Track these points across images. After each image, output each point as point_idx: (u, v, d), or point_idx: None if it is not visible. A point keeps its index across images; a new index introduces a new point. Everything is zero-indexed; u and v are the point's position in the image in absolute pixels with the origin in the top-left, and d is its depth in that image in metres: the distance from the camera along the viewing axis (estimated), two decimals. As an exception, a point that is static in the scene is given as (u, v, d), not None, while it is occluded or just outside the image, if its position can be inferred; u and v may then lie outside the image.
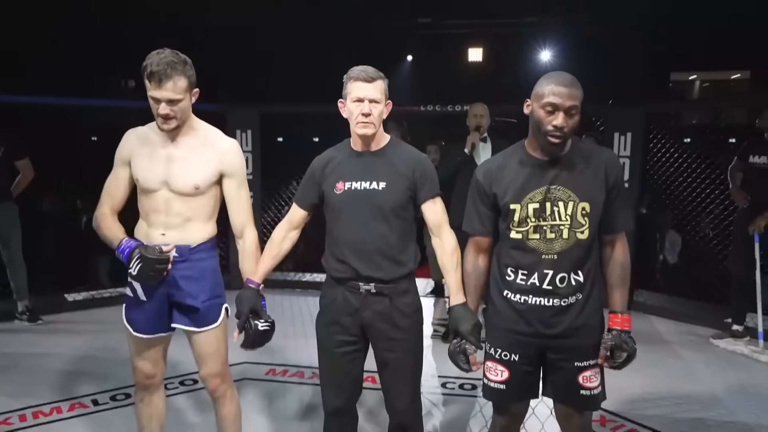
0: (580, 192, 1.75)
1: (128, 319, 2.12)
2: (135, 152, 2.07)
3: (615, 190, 1.78)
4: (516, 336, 1.84)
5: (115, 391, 3.14)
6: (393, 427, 2.12)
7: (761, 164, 3.84)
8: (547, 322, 1.80)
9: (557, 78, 1.72)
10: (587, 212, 1.74)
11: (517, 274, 1.81)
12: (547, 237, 1.76)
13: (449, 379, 3.33)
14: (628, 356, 1.78)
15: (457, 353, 1.90)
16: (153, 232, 2.05)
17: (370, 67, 2.01)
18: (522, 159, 1.81)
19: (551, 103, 1.69)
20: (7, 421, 2.80)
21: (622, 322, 1.81)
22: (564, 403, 1.89)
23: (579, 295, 1.79)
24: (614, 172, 1.78)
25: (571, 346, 1.81)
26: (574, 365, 1.82)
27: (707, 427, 2.84)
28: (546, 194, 1.75)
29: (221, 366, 2.15)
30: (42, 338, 4.03)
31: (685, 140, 5.23)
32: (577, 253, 1.76)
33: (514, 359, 1.85)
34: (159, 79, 1.90)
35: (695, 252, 5.18)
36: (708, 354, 3.87)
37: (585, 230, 1.75)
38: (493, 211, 1.86)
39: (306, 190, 2.12)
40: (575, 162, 1.77)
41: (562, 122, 1.68)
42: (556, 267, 1.76)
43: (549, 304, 1.79)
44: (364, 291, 1.99)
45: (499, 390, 1.89)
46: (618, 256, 1.84)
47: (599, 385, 1.85)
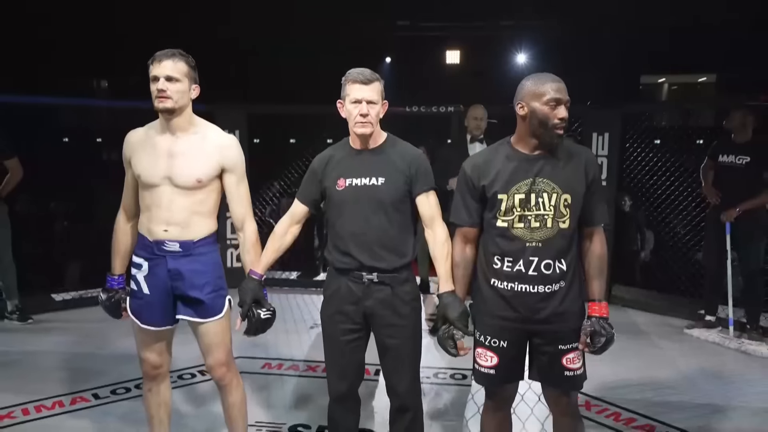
0: (562, 184, 1.88)
1: (134, 312, 2.20)
2: (135, 151, 2.16)
3: (594, 185, 1.93)
4: (503, 322, 1.96)
5: (114, 385, 3.20)
6: (394, 410, 2.22)
7: (729, 163, 4.06)
8: (533, 308, 1.92)
9: (550, 76, 1.89)
10: (569, 203, 1.88)
11: (503, 262, 1.93)
12: (532, 226, 1.89)
13: (440, 369, 3.46)
14: (606, 341, 1.91)
15: (445, 339, 2.02)
16: (155, 228, 2.13)
17: (367, 69, 2.12)
18: (508, 154, 1.94)
19: (554, 98, 1.84)
20: (11, 415, 2.84)
21: (600, 310, 1.93)
22: (550, 385, 2.01)
23: (562, 282, 1.92)
24: (593, 169, 1.93)
25: (555, 330, 1.93)
26: (558, 348, 1.94)
27: (684, 409, 3.02)
28: (531, 186, 1.88)
29: (226, 355, 2.24)
30: (34, 337, 4.05)
31: (655, 141, 5.43)
32: (560, 241, 1.89)
33: (502, 345, 1.97)
34: (160, 59, 2.05)
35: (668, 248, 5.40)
36: (682, 343, 4.07)
37: (567, 220, 1.89)
38: (480, 203, 1.98)
39: (308, 187, 2.22)
40: (558, 157, 1.91)
41: (565, 114, 1.85)
42: (540, 254, 1.89)
43: (534, 290, 1.91)
44: (367, 280, 2.10)
45: (490, 375, 2.00)
46: (596, 248, 1.98)
47: (581, 366, 1.98)
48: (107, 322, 2.23)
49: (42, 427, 2.76)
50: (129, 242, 2.26)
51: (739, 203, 3.95)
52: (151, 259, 2.15)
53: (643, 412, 2.97)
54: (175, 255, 2.12)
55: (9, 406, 2.92)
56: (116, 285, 2.26)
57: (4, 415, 2.83)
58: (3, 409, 2.88)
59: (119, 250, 2.27)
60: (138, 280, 2.17)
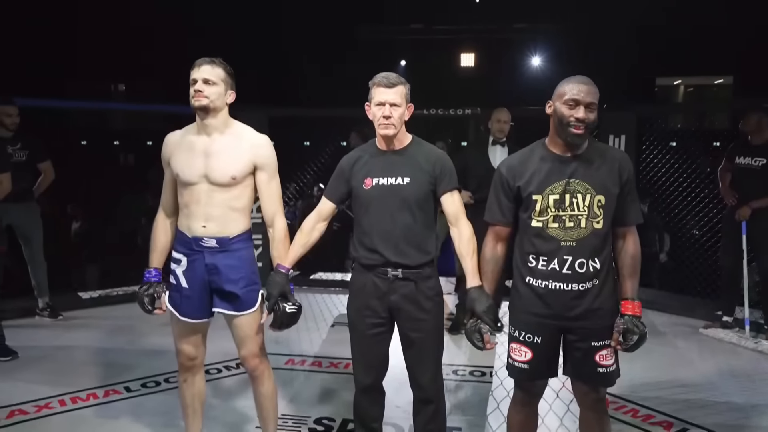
0: (596, 186, 1.93)
1: (173, 304, 2.30)
2: (173, 152, 2.27)
3: (627, 186, 1.97)
4: (538, 318, 2.01)
5: (145, 379, 3.31)
6: (417, 401, 2.30)
7: (746, 164, 4.09)
8: (567, 305, 1.97)
9: (577, 78, 1.95)
10: (602, 204, 1.93)
11: (538, 261, 1.99)
12: (566, 226, 1.94)
13: (460, 366, 3.53)
14: (639, 338, 1.94)
15: (472, 332, 2.08)
16: (194, 225, 2.24)
17: (392, 73, 2.22)
18: (543, 155, 2.00)
19: (573, 98, 1.90)
20: (48, 406, 2.96)
21: (633, 308, 1.96)
22: (583, 381, 2.06)
23: (596, 280, 1.97)
24: (626, 170, 1.97)
25: (589, 327, 1.98)
26: (591, 345, 1.99)
27: (701, 407, 3.06)
28: (566, 187, 1.94)
29: (259, 347, 2.33)
30: (65, 333, 4.18)
31: (671, 143, 5.46)
32: (593, 241, 1.94)
33: (537, 341, 2.02)
34: (200, 64, 2.18)
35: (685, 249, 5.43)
36: (699, 343, 4.11)
37: (600, 220, 1.94)
38: (514, 202, 2.04)
39: (335, 186, 2.31)
40: (592, 159, 1.96)
41: (583, 115, 1.90)
42: (575, 253, 1.94)
43: (568, 288, 1.96)
44: (392, 276, 2.18)
45: (523, 369, 2.05)
46: (629, 247, 2.01)
47: (614, 363, 2.02)
48: (134, 318, 2.34)
49: (78, 418, 2.88)
50: (166, 239, 2.36)
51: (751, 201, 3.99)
52: (190, 255, 2.25)
53: (661, 409, 3.01)
54: (212, 251, 2.23)
55: (46, 397, 3.04)
56: (152, 278, 2.35)
57: (42, 406, 2.96)
58: (41, 400, 3.01)
59: (156, 245, 2.37)
60: (177, 274, 2.28)
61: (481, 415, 2.95)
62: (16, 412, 2.88)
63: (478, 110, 5.20)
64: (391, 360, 2.31)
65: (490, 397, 3.16)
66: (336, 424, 2.84)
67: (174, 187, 2.32)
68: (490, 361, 3.56)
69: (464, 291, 2.19)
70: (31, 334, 4.08)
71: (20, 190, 4.01)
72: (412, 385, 2.31)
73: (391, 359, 2.31)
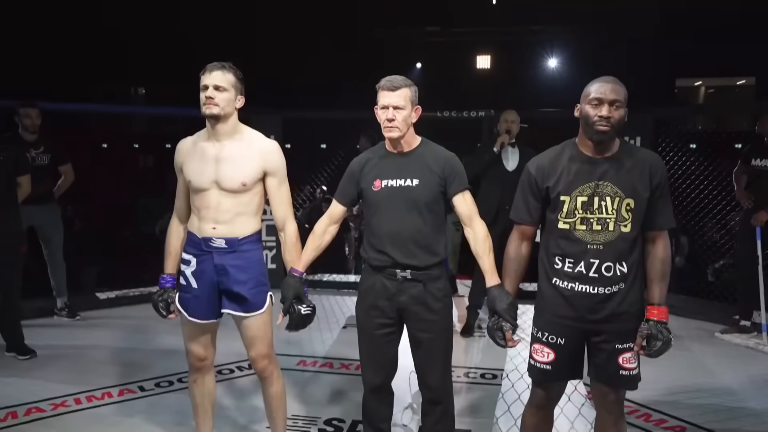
0: (626, 189, 1.90)
1: (182, 305, 2.33)
2: (185, 158, 2.31)
3: (659, 190, 1.93)
4: (562, 320, 1.99)
5: (158, 378, 3.36)
6: (426, 402, 2.31)
7: (762, 166, 4.04)
8: (592, 309, 1.94)
9: (602, 78, 1.94)
10: (631, 208, 1.90)
11: (564, 263, 1.97)
12: (594, 228, 1.92)
13: (471, 369, 3.53)
14: (663, 345, 1.90)
15: (494, 330, 2.06)
16: (204, 226, 2.27)
17: (398, 76, 2.23)
18: (573, 155, 1.98)
19: (596, 97, 1.89)
20: (65, 404, 3.02)
21: (659, 314, 1.92)
22: (605, 383, 2.03)
23: (622, 284, 1.94)
24: (658, 173, 1.93)
25: (613, 330, 1.94)
26: (615, 347, 1.95)
27: (714, 412, 3.02)
28: (594, 189, 1.92)
29: (268, 348, 2.35)
30: (82, 332, 4.26)
31: (691, 146, 5.40)
32: (621, 245, 1.92)
33: (560, 342, 2.00)
34: (210, 70, 2.20)
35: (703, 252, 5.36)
36: (715, 347, 4.06)
37: (628, 224, 1.91)
38: (542, 202, 2.02)
39: (345, 188, 2.33)
40: (623, 161, 1.93)
41: (607, 112, 1.88)
42: (601, 256, 1.92)
43: (594, 291, 1.93)
44: (401, 277, 2.19)
45: (545, 370, 2.04)
46: (659, 252, 1.97)
47: (637, 367, 2.00)
48: (150, 319, 2.38)
49: (93, 416, 2.93)
50: (180, 244, 2.39)
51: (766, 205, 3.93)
52: (199, 255, 2.28)
53: (674, 413, 2.98)
54: (221, 251, 2.26)
55: (62, 395, 3.10)
56: (167, 284, 2.39)
57: (59, 404, 3.01)
58: (57, 398, 3.07)
59: (171, 251, 2.40)
60: (186, 275, 2.31)
61: (492, 418, 2.94)
62: (33, 410, 2.94)
63: (492, 112, 5.20)
64: (400, 361, 2.32)
65: (500, 399, 3.15)
66: (346, 425, 2.86)
67: (187, 193, 2.35)
68: (502, 363, 3.55)
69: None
70: (49, 334, 4.16)
71: (41, 193, 4.12)
72: (420, 386, 2.31)
73: (401, 360, 2.32)
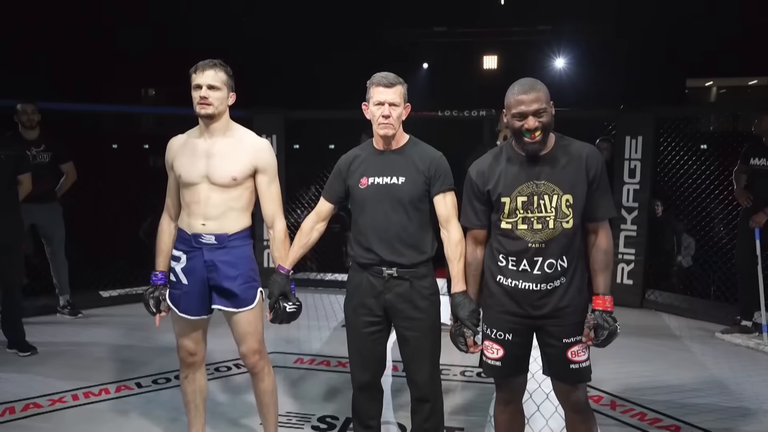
0: (563, 185, 1.93)
1: (173, 301, 2.36)
2: (176, 155, 2.34)
3: (596, 182, 1.96)
4: (508, 316, 2.03)
5: (155, 375, 3.40)
6: (414, 400, 2.31)
7: (761, 166, 4.02)
8: (535, 304, 1.98)
9: (518, 87, 1.93)
10: (571, 204, 1.93)
11: (508, 261, 2.00)
12: (534, 227, 1.95)
13: (467, 367, 3.51)
14: (609, 334, 1.94)
15: (456, 336, 2.10)
16: (194, 222, 2.30)
17: (390, 73, 2.24)
18: (510, 156, 2.01)
19: (518, 112, 1.90)
20: (62, 400, 3.07)
21: (604, 303, 1.96)
22: (557, 378, 2.06)
23: (563, 278, 1.97)
24: (594, 165, 1.95)
25: (558, 325, 1.99)
26: (562, 342, 1.99)
27: (711, 411, 3.00)
28: (533, 188, 1.94)
29: (258, 343, 2.37)
30: (84, 330, 4.31)
31: (702, 146, 5.35)
32: (562, 240, 1.95)
33: (507, 338, 2.04)
34: (202, 69, 2.23)
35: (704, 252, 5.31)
36: (714, 347, 4.02)
37: (570, 220, 1.94)
38: (487, 205, 2.05)
39: (332, 186, 2.35)
40: (558, 158, 1.96)
41: (533, 123, 1.89)
42: (543, 254, 1.95)
43: (536, 288, 1.97)
44: (387, 275, 2.21)
45: (496, 366, 2.08)
46: (601, 242, 2.00)
47: (587, 359, 2.02)
48: (148, 317, 2.40)
49: (90, 412, 2.97)
50: (171, 241, 2.41)
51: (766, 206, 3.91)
52: (189, 252, 2.31)
53: (669, 413, 2.97)
54: (210, 247, 2.28)
55: (60, 391, 3.15)
56: (158, 281, 2.42)
57: (56, 400, 3.06)
58: (55, 394, 3.11)
59: (162, 248, 2.42)
60: (176, 271, 2.33)
61: (485, 416, 2.94)
62: (30, 406, 2.98)
63: (493, 112, 5.19)
64: (391, 358, 2.34)
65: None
66: (339, 422, 2.87)
67: (178, 191, 2.38)
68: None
69: None
70: (51, 331, 4.22)
71: (43, 191, 4.16)
72: (409, 384, 2.32)
73: (391, 358, 2.33)
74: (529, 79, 1.94)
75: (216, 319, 2.39)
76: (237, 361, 3.56)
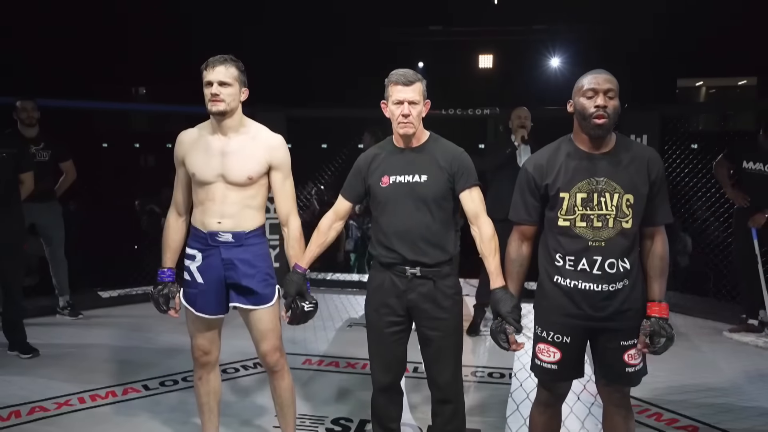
0: (625, 184, 1.88)
1: (189, 300, 2.30)
2: (188, 151, 2.27)
3: (656, 185, 1.91)
4: (567, 319, 1.96)
5: (163, 377, 3.32)
6: (436, 402, 2.27)
7: (757, 170, 4.01)
8: (597, 306, 1.92)
9: (592, 71, 1.91)
10: (631, 203, 1.88)
11: (565, 260, 1.94)
12: (594, 225, 1.89)
13: (479, 368, 3.49)
14: (667, 341, 1.90)
15: (497, 333, 2.04)
16: (209, 220, 2.24)
17: (409, 70, 2.18)
18: (570, 152, 1.95)
19: (590, 88, 1.87)
20: (69, 403, 2.99)
21: (661, 310, 1.92)
22: (613, 381, 2.01)
23: (626, 281, 1.92)
24: (656, 168, 1.91)
25: (618, 327, 1.94)
26: (620, 344, 1.94)
27: (727, 411, 2.98)
28: (594, 185, 1.89)
29: (278, 340, 2.32)
30: (85, 331, 4.22)
31: (692, 146, 5.36)
32: (622, 241, 1.89)
33: (566, 341, 1.98)
34: (213, 65, 2.16)
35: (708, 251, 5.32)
36: (723, 345, 4.02)
37: (629, 220, 1.88)
38: (540, 201, 1.99)
39: (352, 184, 2.29)
40: (620, 156, 1.90)
41: (603, 101, 1.85)
42: (604, 253, 1.89)
43: (598, 289, 1.91)
44: (410, 275, 2.15)
45: (552, 370, 2.01)
46: (657, 248, 1.96)
47: (641, 362, 1.98)
48: (152, 317, 2.35)
49: (98, 415, 2.89)
50: (179, 237, 2.36)
51: (765, 208, 3.93)
52: (205, 250, 2.25)
53: (686, 413, 2.94)
54: (228, 245, 2.23)
55: (66, 394, 3.07)
56: (166, 278, 2.35)
57: (62, 403, 2.98)
58: (61, 397, 3.03)
59: (170, 245, 2.36)
60: (191, 270, 2.27)
61: (501, 417, 2.91)
62: (36, 409, 2.91)
63: (497, 110, 5.16)
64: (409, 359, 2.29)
65: (509, 399, 3.12)
66: (354, 424, 2.82)
67: (187, 186, 2.32)
68: (509, 362, 3.51)
69: None
70: (52, 332, 4.13)
71: (42, 190, 4.07)
72: (430, 385, 2.27)
73: (410, 359, 2.29)
74: (603, 69, 1.92)
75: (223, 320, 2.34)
76: (245, 363, 3.50)
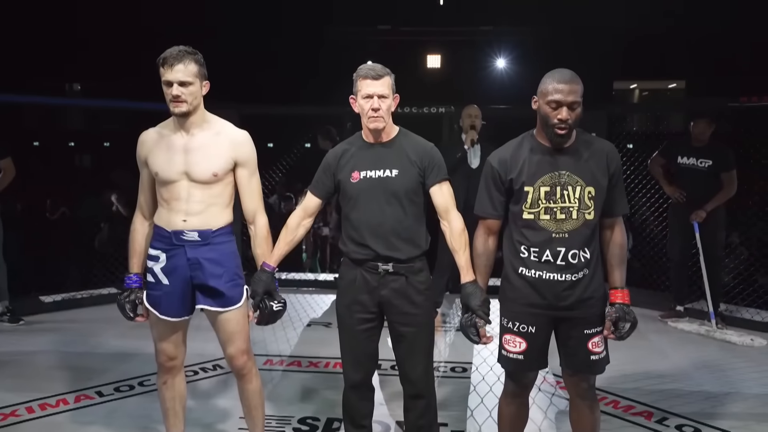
0: (586, 177, 1.95)
1: (152, 303, 2.21)
2: (150, 151, 2.19)
3: (615, 178, 2.00)
4: (532, 309, 2.02)
5: (118, 383, 3.18)
6: (408, 397, 2.27)
7: (691, 165, 4.27)
8: (560, 296, 1.99)
9: (558, 75, 1.92)
10: (593, 196, 1.96)
11: (530, 252, 2.00)
12: (557, 218, 1.96)
13: (441, 363, 3.52)
14: (630, 326, 1.99)
15: (468, 326, 2.07)
16: (174, 219, 2.16)
17: (378, 64, 2.18)
18: (533, 147, 2.01)
19: (555, 100, 1.90)
20: (15, 413, 2.81)
21: (623, 296, 2.01)
22: (577, 370, 2.07)
23: (586, 270, 1.99)
24: (614, 162, 2.00)
25: (581, 316, 2.01)
26: (584, 333, 2.02)
27: (677, 397, 3.13)
28: (556, 179, 1.95)
29: (246, 343, 2.26)
30: (28, 337, 3.99)
31: (628, 146, 5.58)
32: (585, 231, 1.97)
33: (531, 331, 2.03)
34: (171, 63, 2.06)
35: (645, 245, 5.56)
36: (669, 335, 4.22)
37: (591, 211, 1.96)
38: (505, 195, 2.04)
39: (321, 180, 2.26)
40: (581, 151, 1.98)
41: (566, 116, 1.89)
42: (567, 244, 1.96)
43: (562, 278, 1.98)
44: (383, 270, 2.15)
45: (518, 360, 2.05)
46: (617, 237, 2.06)
47: (604, 350, 2.06)
48: (100, 322, 2.25)
49: (49, 425, 2.74)
50: (146, 242, 2.26)
51: (703, 203, 4.16)
52: (169, 250, 2.17)
53: (640, 399, 3.07)
54: (194, 244, 2.15)
55: (12, 404, 2.88)
56: (133, 284, 2.25)
57: (8, 414, 2.80)
58: (6, 408, 2.85)
59: (136, 249, 2.27)
60: (155, 272, 2.19)
61: (465, 410, 2.94)
62: (-21, 421, 2.73)
63: (452, 108, 5.22)
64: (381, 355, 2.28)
65: (473, 392, 3.16)
66: (321, 423, 2.79)
67: (151, 188, 2.23)
68: (470, 357, 3.57)
69: None
70: (-10, 340, 3.89)
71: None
72: (402, 381, 2.27)
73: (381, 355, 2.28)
74: (568, 70, 1.93)
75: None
76: (204, 365, 3.41)
